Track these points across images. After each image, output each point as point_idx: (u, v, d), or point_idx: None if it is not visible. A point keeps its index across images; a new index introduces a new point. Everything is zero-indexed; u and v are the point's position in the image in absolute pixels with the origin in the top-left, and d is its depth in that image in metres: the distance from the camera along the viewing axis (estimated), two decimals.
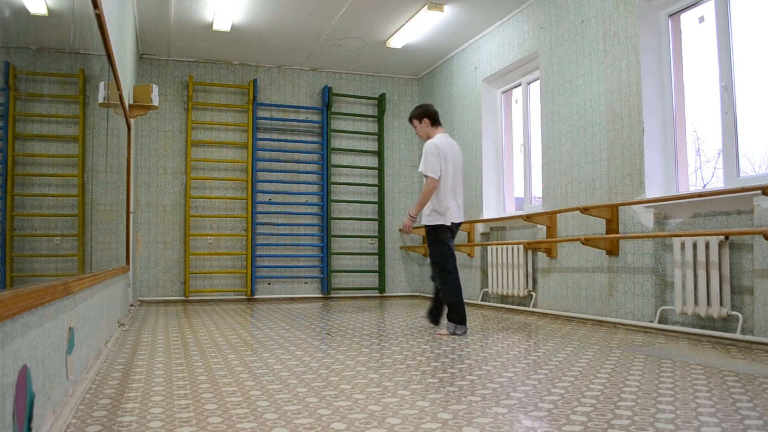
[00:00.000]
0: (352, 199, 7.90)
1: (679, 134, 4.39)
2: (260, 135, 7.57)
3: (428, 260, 4.44)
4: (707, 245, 3.72)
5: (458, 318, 4.11)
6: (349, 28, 6.48)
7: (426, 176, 4.21)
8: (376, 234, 7.96)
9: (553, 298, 5.29)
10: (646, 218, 4.31)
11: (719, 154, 4.14)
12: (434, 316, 4.51)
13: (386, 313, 5.70)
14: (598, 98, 4.82)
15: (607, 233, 4.59)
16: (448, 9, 5.92)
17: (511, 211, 6.47)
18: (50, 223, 1.91)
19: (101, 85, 2.92)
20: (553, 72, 5.39)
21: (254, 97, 7.42)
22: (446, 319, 4.26)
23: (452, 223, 4.27)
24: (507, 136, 6.57)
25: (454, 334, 4.06)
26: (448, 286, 4.18)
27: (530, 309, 5.50)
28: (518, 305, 5.76)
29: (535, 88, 5.98)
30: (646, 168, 4.34)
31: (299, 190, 7.68)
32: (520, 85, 6.26)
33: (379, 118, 8.03)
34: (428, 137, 4.41)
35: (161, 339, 3.91)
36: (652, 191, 4.33)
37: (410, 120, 4.48)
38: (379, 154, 7.99)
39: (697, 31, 4.33)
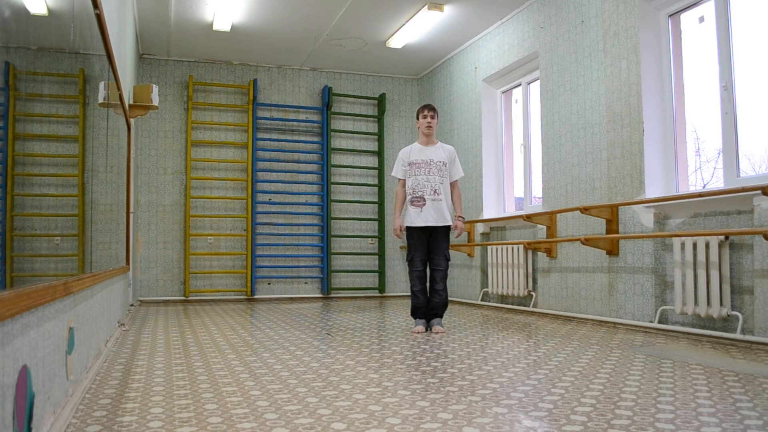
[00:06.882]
0: (352, 199, 7.90)
1: (679, 134, 4.39)
2: (260, 135, 7.57)
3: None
4: (707, 245, 3.72)
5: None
6: (349, 28, 6.48)
7: (456, 180, 4.44)
8: (376, 234, 7.96)
9: (553, 298, 5.29)
10: (646, 218, 4.31)
11: (719, 154, 4.14)
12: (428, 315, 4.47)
13: (386, 313, 5.70)
14: (598, 98, 4.82)
15: (607, 233, 4.59)
16: (448, 9, 5.92)
17: (511, 211, 6.47)
18: (50, 223, 1.91)
19: (101, 85, 2.92)
20: (553, 72, 5.39)
21: (254, 97, 7.42)
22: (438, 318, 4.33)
23: None
24: (507, 136, 6.56)
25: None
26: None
27: (530, 309, 5.50)
28: (518, 305, 5.76)
29: (535, 88, 5.98)
30: (646, 168, 4.34)
31: (299, 190, 7.68)
32: (520, 85, 6.26)
33: (379, 118, 8.03)
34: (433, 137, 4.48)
35: (161, 339, 3.91)
36: (652, 191, 4.33)
37: (435, 110, 4.45)
38: (379, 154, 7.99)
39: (697, 31, 4.33)
